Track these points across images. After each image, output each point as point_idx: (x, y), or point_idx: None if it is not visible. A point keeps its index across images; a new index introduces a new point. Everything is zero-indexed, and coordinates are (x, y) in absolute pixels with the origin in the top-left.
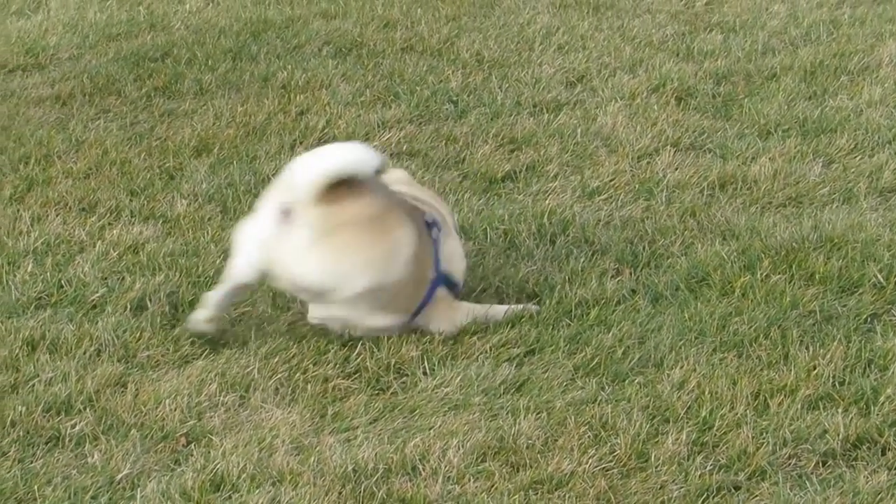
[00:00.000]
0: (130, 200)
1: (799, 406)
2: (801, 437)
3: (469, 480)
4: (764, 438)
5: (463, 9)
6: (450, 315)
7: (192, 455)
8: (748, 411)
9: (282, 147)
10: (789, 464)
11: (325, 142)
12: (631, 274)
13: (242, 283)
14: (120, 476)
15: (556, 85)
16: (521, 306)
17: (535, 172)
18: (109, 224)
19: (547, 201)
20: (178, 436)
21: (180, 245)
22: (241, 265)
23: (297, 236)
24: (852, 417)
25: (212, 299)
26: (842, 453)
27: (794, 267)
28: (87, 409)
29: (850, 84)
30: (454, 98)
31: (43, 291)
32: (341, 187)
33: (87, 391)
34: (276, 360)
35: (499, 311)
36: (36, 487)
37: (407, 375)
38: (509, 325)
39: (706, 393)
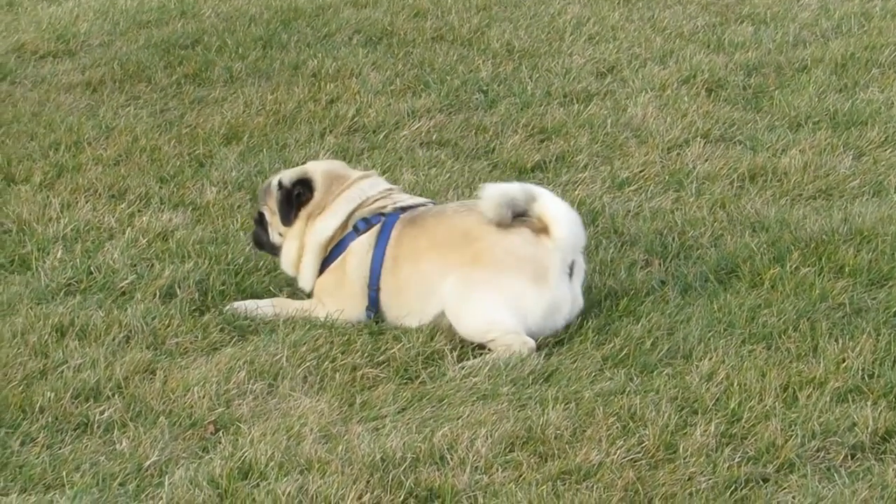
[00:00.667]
0: (160, 188)
1: (828, 399)
2: (829, 430)
3: (497, 470)
4: (793, 431)
5: None
6: None
7: (220, 442)
8: (777, 403)
9: (311, 135)
10: (818, 456)
11: (355, 131)
12: (660, 265)
13: None
14: (148, 463)
15: (586, 75)
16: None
17: (564, 163)
18: (139, 211)
19: (576, 191)
20: (207, 423)
21: (209, 232)
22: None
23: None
24: (881, 410)
25: None
26: (870, 446)
27: (823, 259)
28: (116, 396)
29: (881, 77)
30: (484, 88)
31: (72, 278)
32: None
33: (115, 378)
34: (304, 348)
35: None
36: (64, 473)
37: (435, 365)
38: None
39: (735, 385)
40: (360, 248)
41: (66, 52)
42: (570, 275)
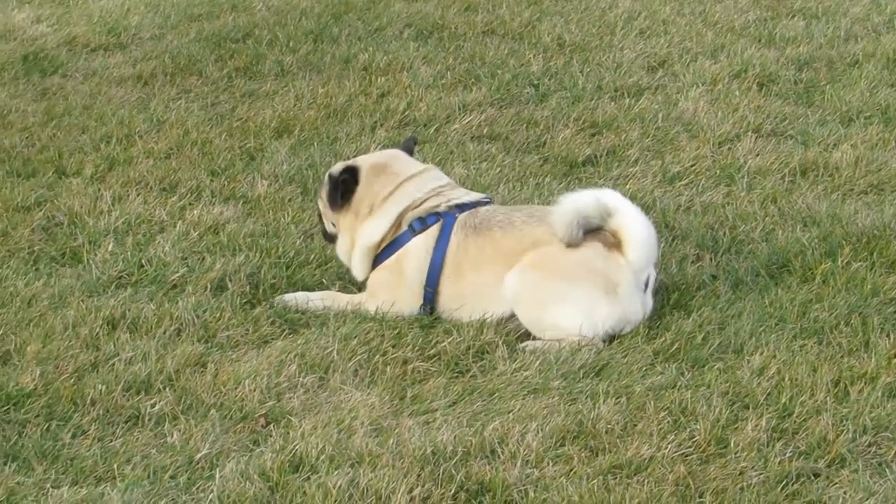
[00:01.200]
0: (211, 181)
1: (879, 394)
2: (881, 425)
3: (548, 464)
4: (844, 426)
5: None
6: None
7: (271, 436)
8: (828, 398)
9: (362, 129)
10: (869, 451)
11: (406, 125)
12: (711, 259)
13: None
14: (199, 456)
15: (637, 69)
16: None
17: (615, 157)
18: (190, 204)
19: (627, 186)
20: (258, 416)
21: (260, 226)
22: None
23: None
24: None
25: None
26: None
27: (875, 254)
28: (167, 389)
29: None
30: (535, 82)
31: (123, 271)
32: None
33: (166, 371)
34: (355, 341)
35: None
36: (115, 466)
37: (486, 359)
38: None
39: (786, 379)
40: (418, 249)
41: (118, 45)
42: (645, 289)
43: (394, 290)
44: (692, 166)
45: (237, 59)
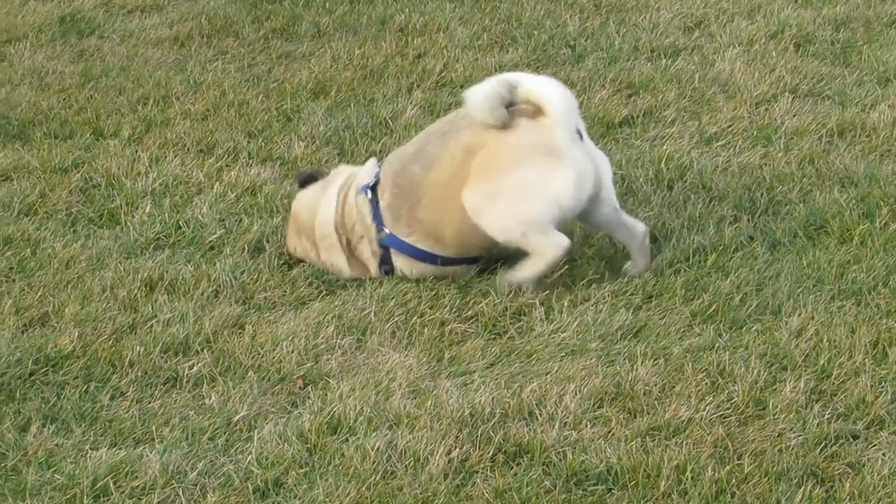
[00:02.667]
0: (248, 142)
1: None
2: None
3: (586, 426)
4: (882, 387)
5: None
6: None
7: (308, 397)
8: (867, 360)
9: (399, 90)
10: None
11: (443, 86)
12: (749, 220)
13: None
14: (237, 418)
15: (673, 30)
16: None
17: (652, 118)
18: (227, 165)
19: (664, 147)
20: (296, 378)
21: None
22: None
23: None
24: None
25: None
26: None
27: None
28: (205, 351)
29: None
30: (571, 42)
31: (161, 232)
32: None
33: (204, 332)
34: (392, 303)
35: None
36: (154, 428)
37: (524, 320)
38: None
39: (824, 341)
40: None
41: (154, 6)
42: (581, 138)
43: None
44: (729, 127)
45: (273, 21)
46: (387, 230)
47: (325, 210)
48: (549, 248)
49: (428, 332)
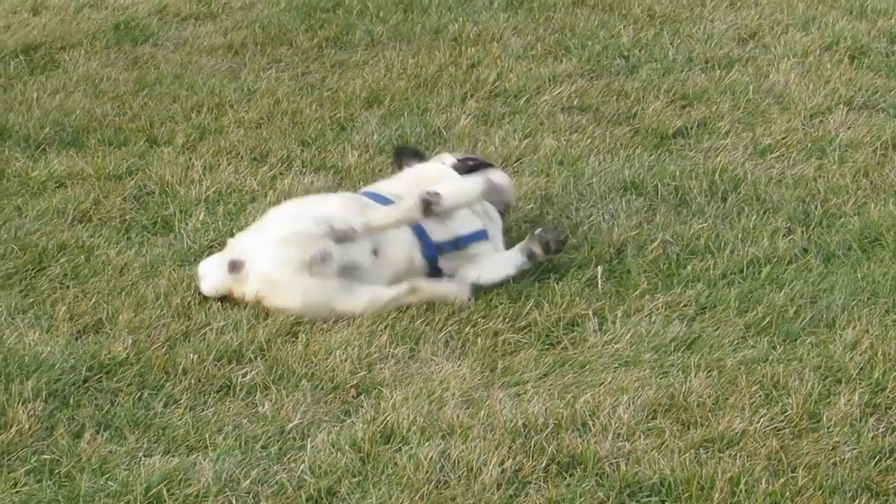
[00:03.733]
0: (302, 150)
1: None
2: None
3: (639, 437)
4: None
5: None
6: None
7: (361, 406)
8: None
9: (453, 99)
10: None
11: (496, 96)
12: (803, 233)
13: None
14: (290, 426)
15: (727, 41)
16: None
17: (706, 129)
18: (280, 174)
19: (718, 158)
20: (349, 387)
21: None
22: None
23: None
24: None
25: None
26: None
27: None
28: (258, 359)
29: None
30: (625, 53)
31: (215, 240)
32: None
33: (258, 340)
34: (445, 312)
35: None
36: (207, 435)
37: (577, 331)
38: (681, 284)
39: (879, 354)
40: None
41: (208, 14)
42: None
43: None
44: (783, 139)
45: (327, 29)
46: None
47: None
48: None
49: (481, 342)
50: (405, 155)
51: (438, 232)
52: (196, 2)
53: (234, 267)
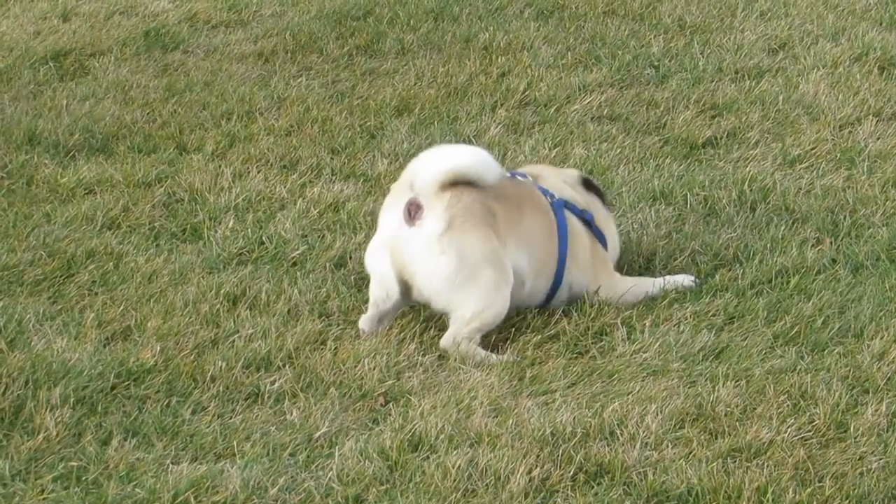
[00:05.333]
0: (331, 158)
1: None
2: None
3: (667, 447)
4: None
5: None
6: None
7: (390, 414)
8: None
9: (483, 108)
10: None
11: (526, 105)
12: (832, 243)
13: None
14: (318, 434)
15: (757, 52)
16: (678, 277)
17: (735, 139)
18: (310, 182)
19: (748, 168)
20: (377, 395)
21: (380, 204)
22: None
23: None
24: None
25: (365, 325)
26: None
27: None
28: (287, 366)
29: None
30: (655, 63)
31: (244, 248)
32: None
33: (286, 348)
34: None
35: (649, 283)
36: (235, 443)
37: (605, 340)
38: (710, 293)
39: None
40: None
41: (239, 21)
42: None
43: None
44: (812, 149)
45: (357, 37)
46: None
47: None
48: None
49: (510, 351)
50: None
51: None
52: (226, 9)
53: None
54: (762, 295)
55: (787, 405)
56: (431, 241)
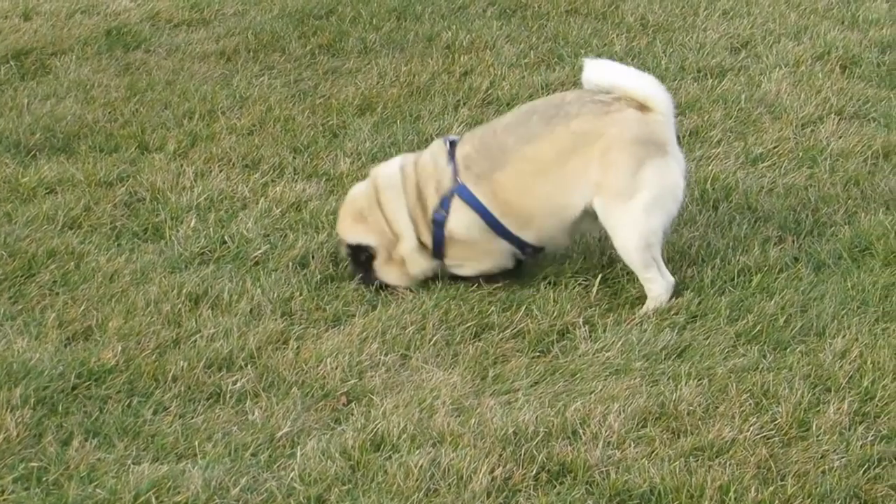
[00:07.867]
0: (294, 158)
1: None
2: None
3: (629, 446)
4: None
5: None
6: None
7: (352, 414)
8: None
9: (445, 107)
10: None
11: (489, 103)
12: (794, 242)
13: None
14: (280, 434)
15: (720, 50)
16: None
17: (698, 138)
18: (272, 181)
19: (710, 167)
20: (339, 394)
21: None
22: None
23: None
24: None
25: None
26: None
27: None
28: (249, 366)
29: None
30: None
31: (206, 247)
32: None
33: (248, 348)
34: (436, 320)
35: None
36: (196, 443)
37: (568, 339)
38: (673, 292)
39: (868, 363)
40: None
41: (201, 21)
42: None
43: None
44: (775, 148)
45: (320, 36)
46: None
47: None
48: (659, 287)
49: (472, 350)
50: None
51: None
52: (188, 8)
53: None
54: (725, 293)
55: (750, 404)
56: None
